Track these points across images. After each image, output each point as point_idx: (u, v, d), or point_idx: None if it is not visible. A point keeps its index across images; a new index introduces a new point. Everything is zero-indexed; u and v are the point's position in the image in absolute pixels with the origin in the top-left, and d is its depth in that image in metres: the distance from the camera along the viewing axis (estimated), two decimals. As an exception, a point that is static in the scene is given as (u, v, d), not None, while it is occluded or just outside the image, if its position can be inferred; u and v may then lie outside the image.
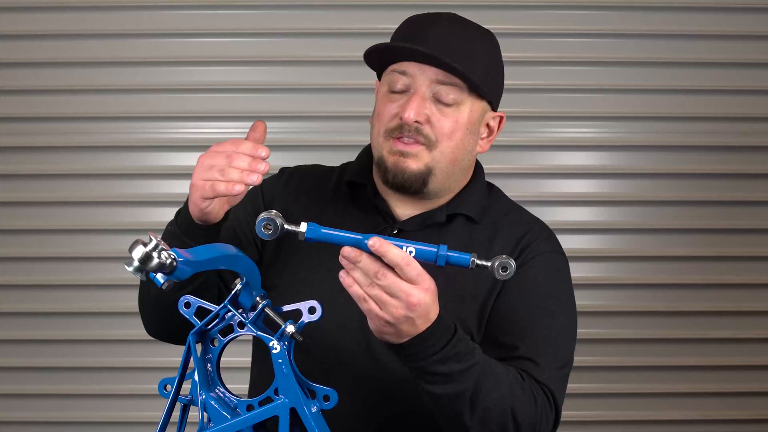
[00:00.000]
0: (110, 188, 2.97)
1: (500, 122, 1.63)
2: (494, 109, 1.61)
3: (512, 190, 3.04)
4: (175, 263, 1.16)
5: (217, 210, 1.42)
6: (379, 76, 1.62)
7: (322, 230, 1.29)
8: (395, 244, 1.27)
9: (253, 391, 1.69)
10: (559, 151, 3.00)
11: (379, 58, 1.56)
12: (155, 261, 1.14)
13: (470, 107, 1.55)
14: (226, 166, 1.35)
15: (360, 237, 1.27)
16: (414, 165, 1.53)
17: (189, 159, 2.97)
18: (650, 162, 2.99)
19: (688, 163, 2.99)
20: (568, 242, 2.98)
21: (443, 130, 1.52)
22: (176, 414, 1.35)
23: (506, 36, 2.95)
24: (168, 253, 1.15)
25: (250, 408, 1.31)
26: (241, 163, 1.35)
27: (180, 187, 2.94)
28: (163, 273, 1.17)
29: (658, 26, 2.97)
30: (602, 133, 2.99)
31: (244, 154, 1.36)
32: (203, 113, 2.97)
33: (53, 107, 2.96)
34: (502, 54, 1.61)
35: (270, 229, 1.28)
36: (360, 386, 1.55)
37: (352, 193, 1.64)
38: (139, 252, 1.14)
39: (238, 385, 1.70)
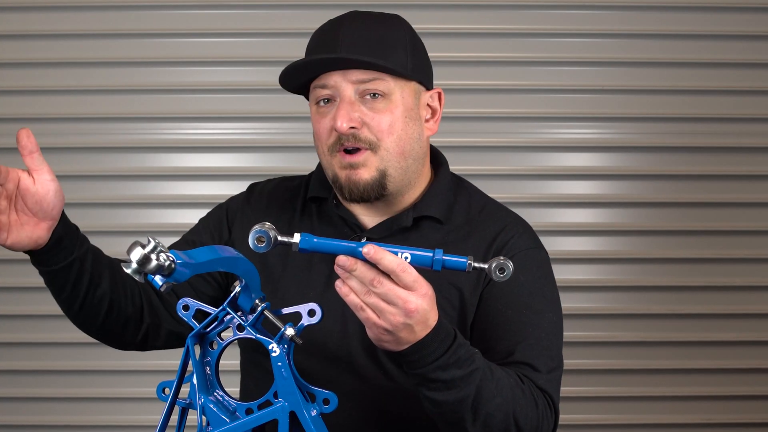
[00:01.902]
0: (108, 189, 2.96)
1: (440, 98, 1.61)
2: (428, 87, 1.59)
3: (512, 191, 3.03)
4: (173, 265, 1.15)
5: (26, 235, 1.39)
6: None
7: (315, 240, 1.27)
8: (390, 251, 1.25)
9: (243, 397, 1.66)
10: (560, 152, 2.98)
11: (296, 81, 1.55)
12: (153, 263, 1.14)
13: (401, 94, 1.53)
14: None
15: (354, 245, 1.26)
16: (366, 174, 1.51)
17: (188, 160, 2.95)
18: (651, 163, 2.98)
19: (690, 164, 2.98)
20: (569, 244, 3.01)
21: (381, 127, 1.51)
22: (175, 417, 1.34)
23: (506, 36, 2.96)
24: (166, 255, 1.15)
25: (249, 411, 1.30)
26: None
27: (178, 188, 2.92)
28: (162, 275, 1.16)
29: (658, 26, 2.96)
30: (603, 134, 2.98)
31: None
32: (203, 113, 2.96)
33: (50, 108, 2.94)
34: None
35: (263, 242, 1.26)
36: (355, 395, 1.54)
37: (319, 207, 1.63)
38: (137, 254, 1.13)
39: (237, 388, 1.69)
